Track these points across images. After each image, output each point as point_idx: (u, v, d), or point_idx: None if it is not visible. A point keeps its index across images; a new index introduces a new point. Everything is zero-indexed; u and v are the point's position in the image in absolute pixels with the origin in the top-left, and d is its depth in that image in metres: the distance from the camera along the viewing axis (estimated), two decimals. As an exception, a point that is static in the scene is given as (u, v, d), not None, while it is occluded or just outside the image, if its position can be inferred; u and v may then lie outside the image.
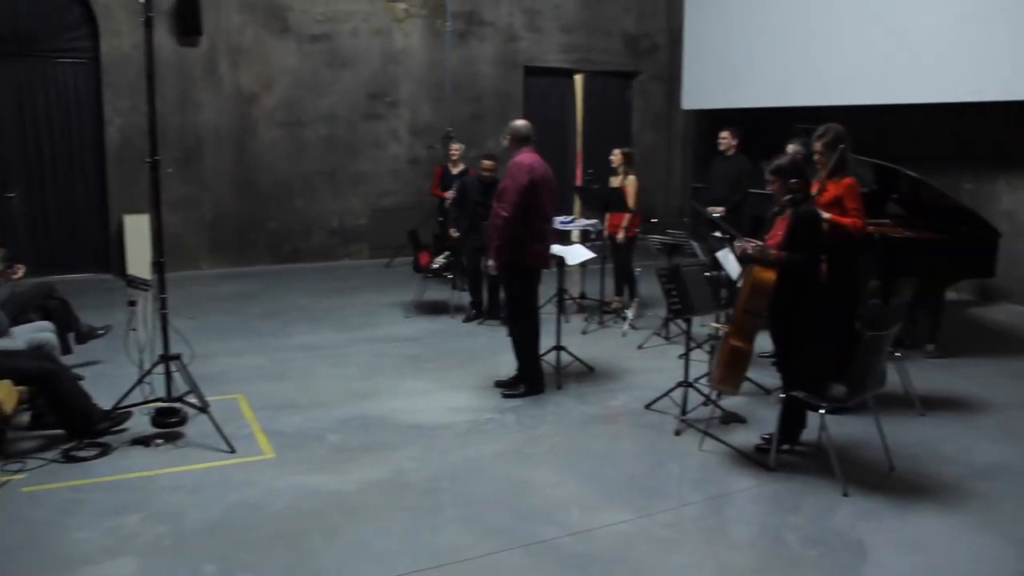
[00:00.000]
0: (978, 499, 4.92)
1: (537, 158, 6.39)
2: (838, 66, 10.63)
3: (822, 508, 4.79)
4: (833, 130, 6.03)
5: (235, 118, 11.62)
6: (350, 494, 4.89)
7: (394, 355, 7.70)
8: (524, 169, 6.24)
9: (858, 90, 10.36)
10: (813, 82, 11.00)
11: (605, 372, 7.24)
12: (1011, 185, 10.02)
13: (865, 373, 4.97)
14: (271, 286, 10.68)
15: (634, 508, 4.75)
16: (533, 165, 6.29)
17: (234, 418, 5.98)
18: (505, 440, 5.74)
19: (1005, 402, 6.58)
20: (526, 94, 13.51)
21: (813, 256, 5.27)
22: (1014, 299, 10.04)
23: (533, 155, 6.38)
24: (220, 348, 7.77)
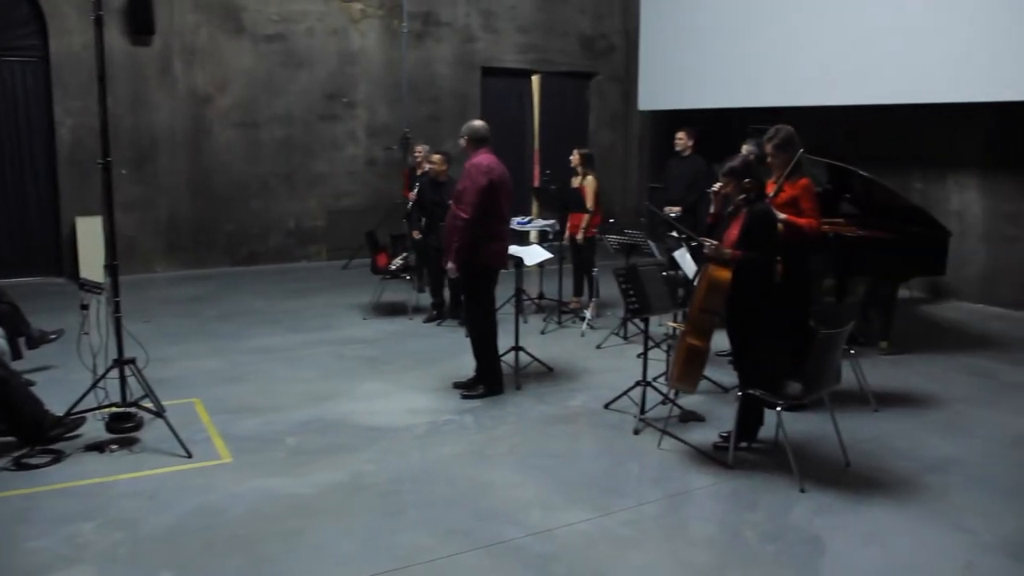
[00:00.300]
0: (929, 492, 5.00)
1: (494, 159, 6.40)
2: (792, 68, 10.75)
3: (780, 504, 4.84)
4: (783, 131, 6.09)
5: (190, 119, 11.48)
6: (309, 497, 4.86)
7: (352, 357, 7.66)
8: (482, 170, 6.25)
9: (812, 91, 10.47)
10: (767, 83, 11.12)
11: (564, 372, 7.26)
12: (960, 185, 10.20)
13: (820, 370, 5.02)
14: (228, 288, 10.57)
15: (594, 507, 4.76)
16: (491, 166, 6.31)
17: (191, 422, 5.91)
18: (465, 441, 5.73)
19: (955, 397, 6.70)
20: (483, 95, 13.51)
21: (768, 255, 5.32)
22: (964, 297, 10.22)
23: (490, 156, 6.40)
24: (176, 352, 7.67)
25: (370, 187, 12.73)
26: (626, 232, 8.14)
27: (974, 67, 8.83)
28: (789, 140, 6.07)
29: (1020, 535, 4.51)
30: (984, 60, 8.75)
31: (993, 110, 9.46)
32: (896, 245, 7.75)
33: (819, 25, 10.43)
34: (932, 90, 9.26)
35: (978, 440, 5.83)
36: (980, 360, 7.73)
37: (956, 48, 8.97)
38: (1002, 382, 7.13)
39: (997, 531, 4.54)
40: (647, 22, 13.21)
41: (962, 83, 8.97)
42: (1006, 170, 9.76)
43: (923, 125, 10.36)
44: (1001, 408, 6.48)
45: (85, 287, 5.59)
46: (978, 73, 8.81)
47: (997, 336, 8.66)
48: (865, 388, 6.46)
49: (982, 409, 6.44)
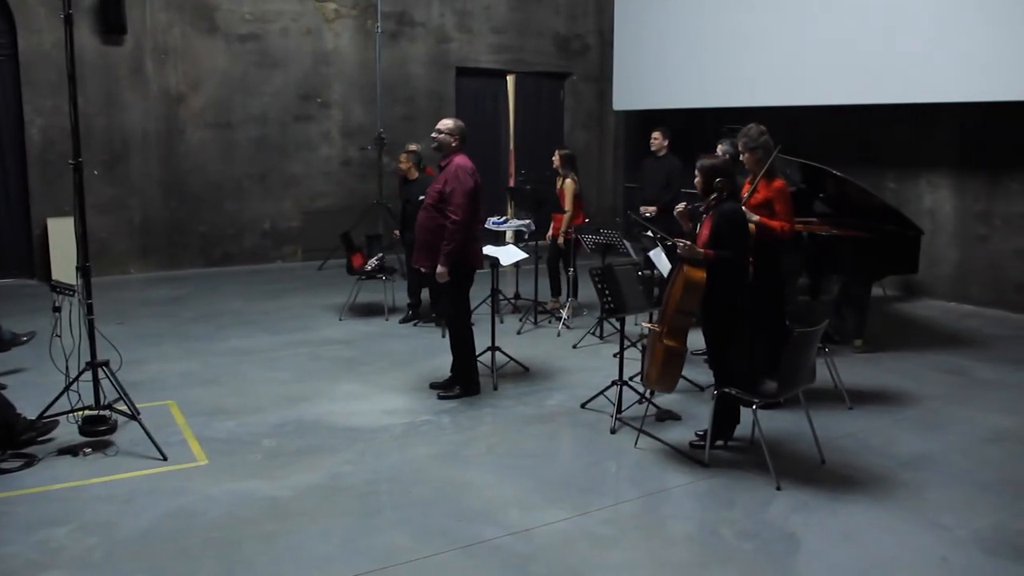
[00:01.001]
0: (904, 488, 5.04)
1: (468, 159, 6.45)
2: (765, 68, 10.81)
3: (756, 502, 4.86)
4: (754, 131, 6.12)
5: (162, 119, 11.38)
6: (286, 500, 4.83)
7: (329, 358, 7.63)
8: (468, 171, 6.29)
9: (785, 91, 10.54)
10: (741, 83, 11.17)
11: (540, 372, 7.26)
12: (932, 184, 10.29)
13: (795, 369, 5.04)
14: (202, 290, 10.50)
15: (572, 506, 4.76)
16: (474, 167, 6.38)
17: (166, 425, 5.86)
18: (442, 442, 5.72)
19: (928, 394, 6.76)
20: (458, 95, 13.48)
21: (739, 254, 5.34)
22: (936, 295, 10.31)
23: (466, 156, 6.43)
24: (150, 354, 7.60)
25: (345, 188, 12.68)
26: (602, 232, 8.15)
27: (946, 67, 8.92)
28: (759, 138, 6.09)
29: (993, 530, 4.56)
30: (955, 60, 8.83)
31: (964, 110, 9.54)
32: (870, 244, 7.80)
33: (793, 25, 10.49)
34: (904, 90, 9.34)
35: (952, 437, 5.87)
36: (953, 358, 7.79)
37: (928, 48, 9.05)
38: (974, 379, 7.20)
39: (971, 526, 4.58)
40: (621, 22, 13.24)
41: (934, 83, 9.05)
42: (977, 170, 9.85)
43: (896, 125, 10.44)
44: (974, 405, 6.54)
45: (57, 289, 5.53)
46: (949, 73, 8.90)
47: (969, 334, 8.74)
48: (840, 386, 6.50)
49: (955, 406, 6.50)
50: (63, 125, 10.34)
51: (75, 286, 5.46)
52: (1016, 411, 6.41)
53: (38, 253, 10.74)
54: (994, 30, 8.52)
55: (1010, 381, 7.15)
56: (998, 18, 8.49)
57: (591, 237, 8.19)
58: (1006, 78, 8.45)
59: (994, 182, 9.71)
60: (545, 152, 13.42)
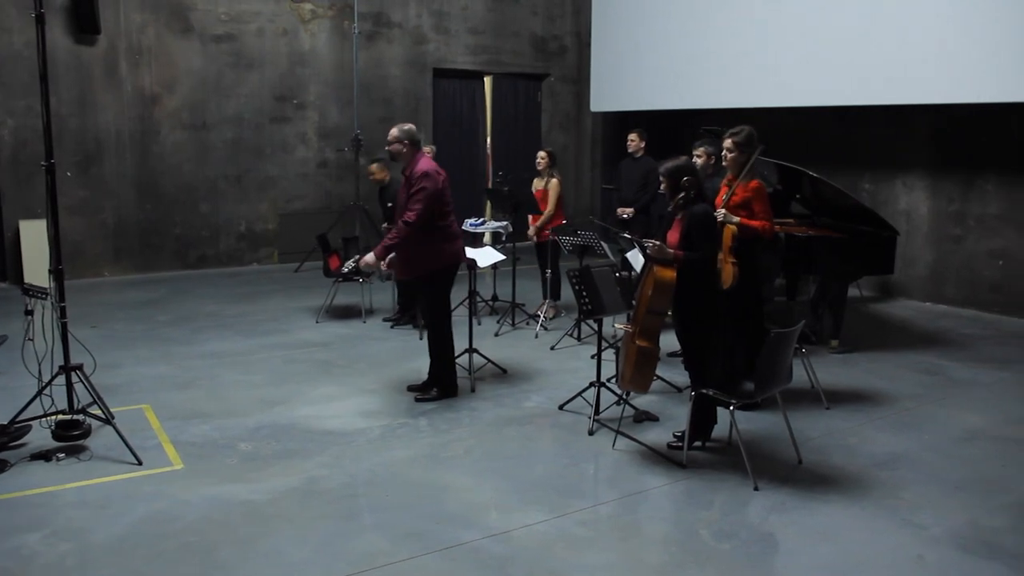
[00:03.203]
0: (880, 488, 5.08)
1: (431, 161, 6.47)
2: (742, 70, 10.86)
3: (734, 502, 4.88)
4: (747, 131, 6.14)
5: (137, 120, 11.31)
6: (262, 504, 4.81)
7: (305, 361, 7.60)
8: (431, 172, 6.28)
9: (762, 93, 10.60)
10: (718, 85, 11.22)
11: (518, 374, 7.26)
12: (907, 186, 10.38)
13: (772, 369, 5.07)
14: (177, 293, 10.43)
15: (550, 508, 4.77)
16: (436, 168, 6.39)
17: (140, 429, 5.82)
18: (420, 444, 5.71)
19: (903, 394, 6.81)
20: (435, 96, 13.46)
21: (709, 254, 5.36)
22: (912, 295, 10.40)
23: (427, 159, 6.45)
24: (125, 357, 7.55)
25: (321, 189, 12.64)
26: (579, 233, 8.17)
27: (921, 69, 8.98)
28: (750, 139, 6.12)
29: (968, 528, 4.60)
30: (931, 62, 8.90)
31: (939, 112, 9.64)
32: (846, 245, 7.85)
33: (769, 28, 10.55)
34: (880, 92, 9.40)
35: (927, 436, 5.93)
36: (928, 357, 7.86)
37: (904, 50, 9.12)
38: (949, 379, 7.26)
39: (946, 524, 4.63)
40: (598, 23, 13.28)
41: (910, 85, 9.11)
42: (951, 171, 9.95)
43: (872, 127, 10.53)
44: (949, 404, 6.60)
45: (30, 292, 5.48)
46: (925, 75, 8.96)
47: (944, 334, 8.82)
48: (817, 386, 6.54)
49: (930, 406, 6.56)
50: (35, 126, 10.26)
51: (48, 289, 5.42)
52: (989, 410, 6.48)
53: (10, 256, 10.64)
54: (969, 33, 8.60)
55: (984, 380, 7.22)
56: (973, 21, 8.57)
57: (568, 238, 8.21)
58: (981, 80, 8.53)
59: (968, 184, 9.81)
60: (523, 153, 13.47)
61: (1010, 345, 8.40)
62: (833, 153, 10.87)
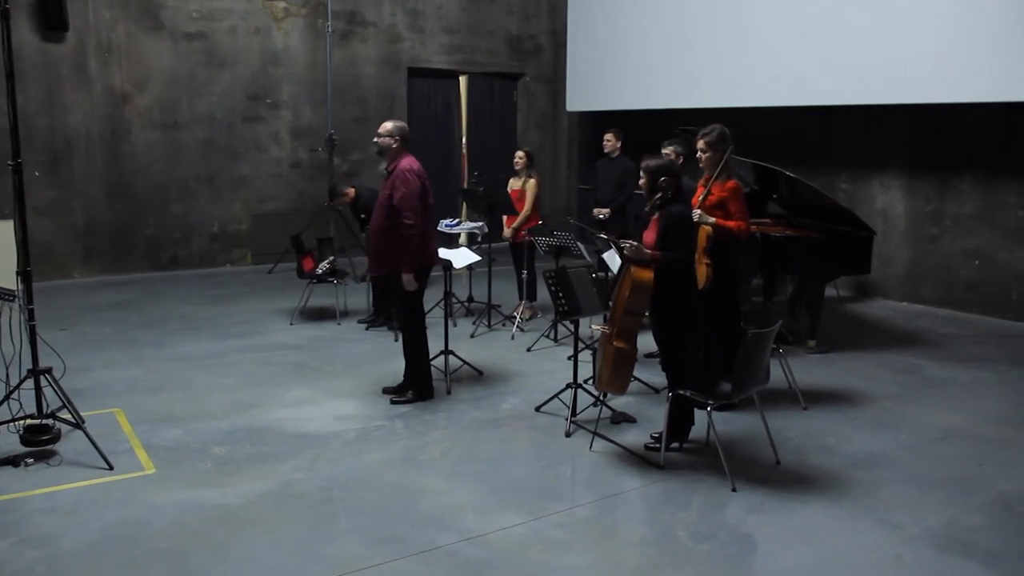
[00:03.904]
0: (858, 488, 5.12)
1: (415, 160, 6.45)
2: (719, 70, 10.90)
3: (712, 504, 4.90)
4: (718, 130, 6.17)
5: (107, 119, 11.22)
6: (236, 508, 4.78)
7: (279, 363, 7.57)
8: (413, 173, 6.28)
9: (738, 93, 10.65)
10: (694, 85, 11.26)
11: (495, 375, 7.26)
12: (884, 186, 10.46)
13: (749, 370, 5.09)
14: (149, 295, 10.35)
15: (527, 511, 4.77)
16: (421, 169, 6.37)
17: (112, 433, 5.77)
18: (395, 447, 5.70)
19: (881, 393, 6.87)
20: (410, 96, 13.43)
21: (686, 255, 5.38)
22: (889, 295, 10.49)
23: (412, 157, 6.43)
24: (95, 360, 7.49)
25: (295, 190, 12.58)
26: (555, 234, 8.17)
27: (898, 69, 9.03)
28: (724, 139, 6.15)
29: (945, 527, 4.64)
30: (907, 62, 8.96)
31: (916, 112, 9.72)
32: (822, 245, 7.91)
33: (746, 28, 10.60)
34: (857, 92, 9.46)
35: (904, 436, 5.98)
36: (905, 357, 7.93)
37: (880, 50, 9.17)
38: (926, 378, 7.33)
39: (923, 524, 4.67)
40: (574, 23, 13.30)
41: (886, 85, 9.17)
42: (927, 171, 10.03)
43: (849, 127, 10.61)
44: (925, 404, 6.65)
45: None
46: (901, 75, 9.02)
47: (920, 333, 8.90)
48: (794, 386, 6.59)
49: (907, 405, 6.61)
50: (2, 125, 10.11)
51: (15, 291, 5.36)
52: (965, 409, 6.54)
53: (-23, 258, 10.53)
54: (945, 32, 8.67)
55: (960, 380, 7.29)
56: (950, 21, 8.63)
57: (545, 239, 8.21)
58: (957, 80, 8.60)
59: (944, 184, 9.90)
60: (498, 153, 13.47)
61: (986, 344, 8.48)
62: (810, 153, 10.94)
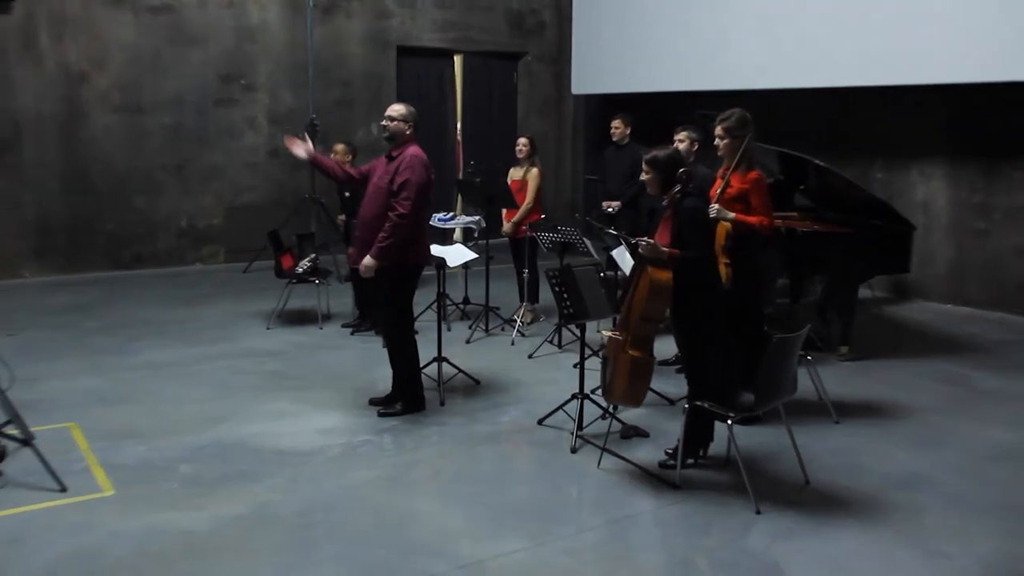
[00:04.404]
0: (899, 512, 5.08)
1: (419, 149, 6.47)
2: (739, 49, 10.89)
3: (734, 528, 4.87)
4: (738, 114, 6.13)
5: (61, 101, 11.19)
6: (205, 534, 4.75)
7: (255, 372, 7.56)
8: (423, 163, 6.31)
9: (761, 74, 10.63)
10: (713, 66, 11.24)
11: (493, 385, 7.24)
12: (924, 175, 10.43)
13: (774, 379, 5.07)
14: (109, 296, 10.36)
15: (529, 535, 4.75)
16: (427, 160, 6.39)
17: (65, 450, 5.75)
18: (383, 465, 5.68)
19: (924, 406, 6.83)
20: (400, 77, 13.44)
21: (704, 252, 5.34)
22: (930, 296, 10.45)
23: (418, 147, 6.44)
24: (47, 369, 7.48)
25: (273, 181, 12.58)
26: (559, 229, 8.14)
27: (938, 45, 9.00)
28: (743, 123, 6.11)
29: (999, 556, 4.60)
30: (948, 38, 8.92)
31: (959, 92, 9.66)
32: (856, 241, 7.88)
33: (769, 2, 10.58)
34: (892, 71, 9.43)
35: (950, 454, 5.94)
36: (950, 366, 7.90)
37: (917, 25, 9.16)
38: (975, 389, 7.29)
39: (973, 554, 4.62)
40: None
41: (925, 63, 9.14)
42: (972, 158, 10.00)
43: (884, 110, 10.57)
44: (974, 418, 6.62)
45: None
46: (942, 52, 8.99)
47: (968, 339, 8.87)
48: (824, 398, 6.56)
49: (954, 420, 6.58)
50: (-54, 109, 10.16)
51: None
52: (1020, 424, 6.50)
53: (-82, 256, 10.55)
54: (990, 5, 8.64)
55: (1014, 391, 7.25)
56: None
57: (548, 235, 8.19)
58: (1003, 56, 8.56)
59: (993, 171, 9.86)
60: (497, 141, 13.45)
61: (1041, 351, 8.46)
62: (842, 139, 10.92)
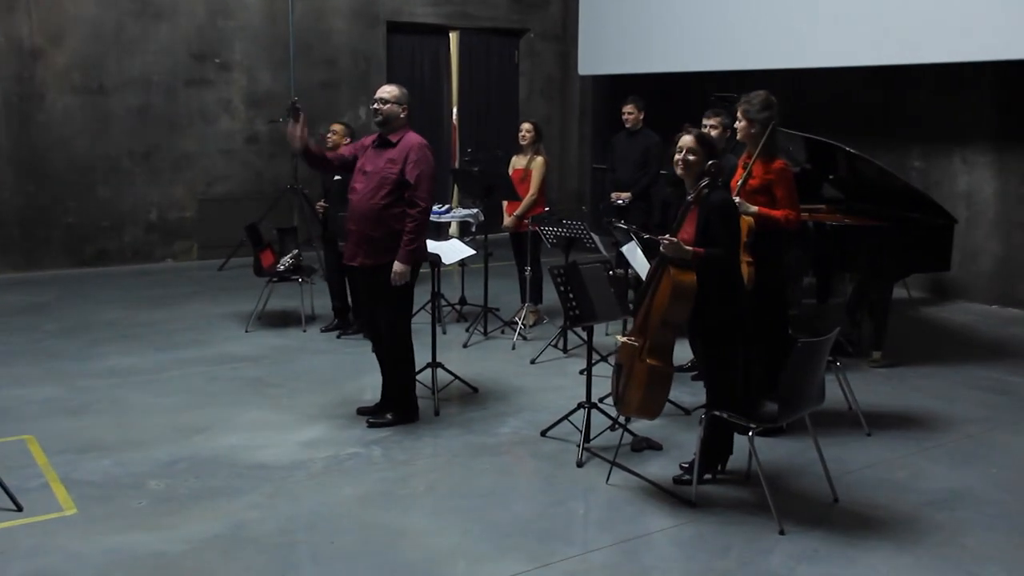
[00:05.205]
0: (937, 532, 5.09)
1: None
2: (762, 25, 10.87)
3: (755, 549, 4.88)
4: (761, 97, 6.15)
5: (13, 80, 11.21)
6: (177, 556, 4.77)
7: (231, 379, 7.58)
8: (430, 151, 6.34)
9: (786, 53, 10.60)
10: (734, 43, 11.23)
11: (492, 393, 7.27)
12: (968, 163, 10.42)
13: (800, 387, 5.08)
14: (70, 296, 10.38)
15: (531, 556, 4.76)
16: None
17: (21, 465, 5.77)
18: (372, 480, 5.70)
19: (964, 417, 6.84)
20: (390, 56, 13.46)
21: (731, 251, 5.36)
22: (973, 296, 10.45)
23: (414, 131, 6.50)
24: (1, 376, 7.51)
25: (251, 170, 12.61)
26: (565, 223, 8.16)
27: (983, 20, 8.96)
28: (766, 106, 6.12)
29: (1043, 580, 4.63)
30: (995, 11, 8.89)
31: (1006, 71, 9.65)
32: (890, 235, 7.89)
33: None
34: (932, 48, 9.41)
35: (994, 469, 5.95)
36: (994, 373, 7.91)
37: None
38: (1021, 398, 7.30)
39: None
40: (589, -33, 13.32)
41: (968, 39, 9.09)
42: (1021, 144, 9.98)
43: (922, 91, 10.57)
44: (1020, 430, 6.63)
45: None
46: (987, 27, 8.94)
47: (1014, 343, 8.89)
48: (855, 407, 6.57)
49: (998, 432, 6.59)
50: None
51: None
52: (1070, 437, 6.54)
53: None
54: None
55: (1062, 401, 7.29)
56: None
57: (552, 229, 8.21)
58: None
59: (1045, 159, 9.88)
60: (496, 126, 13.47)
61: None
62: (875, 124, 10.93)
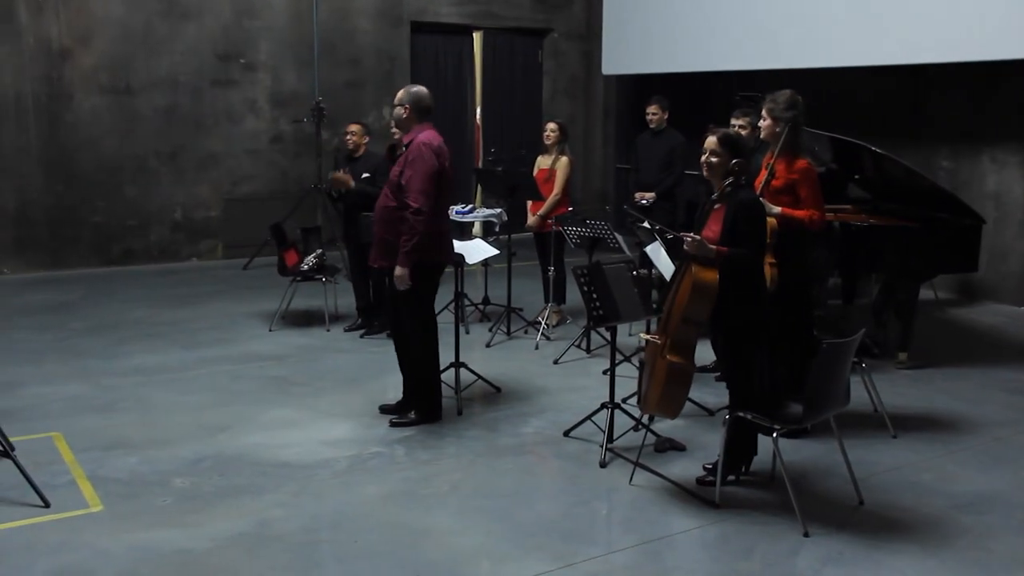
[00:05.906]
0: (964, 536, 5.06)
1: (438, 135, 6.44)
2: (791, 23, 10.82)
3: (779, 552, 4.87)
4: (786, 96, 6.12)
5: (43, 81, 11.27)
6: (202, 553, 4.79)
7: (255, 377, 7.60)
8: (433, 150, 6.28)
9: (811, 52, 10.56)
10: (761, 42, 11.19)
11: (515, 393, 7.27)
12: (997, 162, 10.34)
13: (825, 388, 5.05)
14: (96, 294, 10.43)
15: (553, 557, 4.76)
16: (440, 145, 6.36)
17: (49, 462, 5.81)
18: (395, 479, 5.71)
19: (992, 420, 6.79)
20: (414, 56, 13.47)
21: (757, 251, 5.34)
22: (1002, 298, 10.37)
23: (435, 132, 6.43)
24: (29, 374, 7.55)
25: (276, 169, 12.64)
26: (588, 223, 8.14)
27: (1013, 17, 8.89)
28: (791, 105, 6.09)
29: (1070, 584, 4.59)
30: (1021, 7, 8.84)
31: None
32: (917, 236, 7.84)
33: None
34: (961, 47, 9.34)
35: (1022, 473, 5.91)
36: (1022, 375, 7.84)
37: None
38: (1048, 401, 7.27)
39: (1045, 581, 4.62)
40: (614, -33, 13.29)
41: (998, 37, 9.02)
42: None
43: (952, 89, 10.49)
44: (1047, 433, 6.60)
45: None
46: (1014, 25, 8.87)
47: (1040, 345, 8.84)
48: (881, 409, 6.54)
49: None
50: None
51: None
52: (1099, 440, 6.48)
53: None
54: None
55: (1093, 404, 7.22)
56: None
57: (575, 229, 8.20)
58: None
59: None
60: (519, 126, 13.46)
61: None
62: (902, 123, 10.86)
